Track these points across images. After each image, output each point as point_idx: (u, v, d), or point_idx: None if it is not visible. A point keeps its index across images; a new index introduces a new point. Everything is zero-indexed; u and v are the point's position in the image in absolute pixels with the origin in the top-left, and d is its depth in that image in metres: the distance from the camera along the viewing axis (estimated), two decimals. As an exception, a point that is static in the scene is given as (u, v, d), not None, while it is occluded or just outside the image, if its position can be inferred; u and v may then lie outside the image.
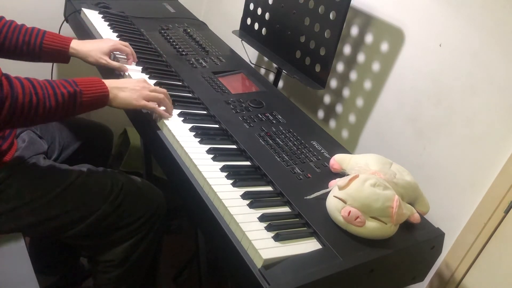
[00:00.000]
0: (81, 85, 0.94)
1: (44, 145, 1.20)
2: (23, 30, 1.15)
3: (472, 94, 1.09)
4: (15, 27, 1.15)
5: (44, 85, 0.90)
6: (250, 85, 1.31)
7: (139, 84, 1.03)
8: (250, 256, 0.74)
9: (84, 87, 0.94)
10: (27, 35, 1.14)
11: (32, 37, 1.15)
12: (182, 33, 1.54)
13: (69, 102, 0.92)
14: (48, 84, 0.90)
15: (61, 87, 0.91)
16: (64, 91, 0.91)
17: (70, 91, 0.92)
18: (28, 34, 1.15)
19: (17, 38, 1.14)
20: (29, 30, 1.16)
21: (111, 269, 1.17)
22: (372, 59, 1.34)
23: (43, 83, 0.90)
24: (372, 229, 0.81)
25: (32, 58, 1.17)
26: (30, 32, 1.15)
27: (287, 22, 1.37)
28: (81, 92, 0.94)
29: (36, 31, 1.16)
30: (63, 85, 0.92)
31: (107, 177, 1.12)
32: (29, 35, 1.15)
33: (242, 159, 0.98)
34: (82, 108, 0.95)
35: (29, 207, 1.01)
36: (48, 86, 0.90)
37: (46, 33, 1.17)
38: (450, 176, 1.14)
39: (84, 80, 0.96)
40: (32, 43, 1.14)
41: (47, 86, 0.90)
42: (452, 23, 1.13)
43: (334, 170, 0.99)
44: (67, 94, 0.91)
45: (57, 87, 0.91)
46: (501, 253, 1.05)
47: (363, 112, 1.38)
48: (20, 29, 1.15)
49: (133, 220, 1.13)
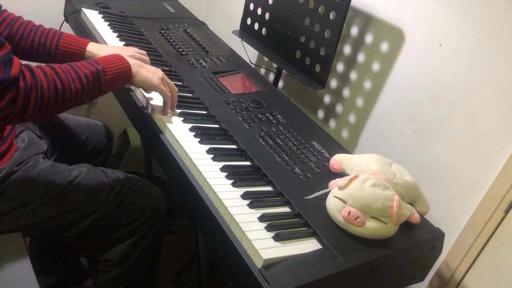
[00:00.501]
0: (102, 63, 0.94)
1: (43, 145, 1.20)
2: (40, 31, 1.14)
3: (472, 94, 1.09)
4: (31, 28, 1.13)
5: (66, 69, 0.89)
6: (250, 85, 1.31)
7: (158, 70, 1.05)
8: (250, 256, 0.74)
9: (106, 64, 0.94)
10: (43, 36, 1.13)
11: (49, 39, 1.13)
12: (182, 33, 1.54)
13: (94, 81, 0.92)
14: (70, 68, 0.90)
15: (83, 68, 0.91)
16: (87, 72, 0.90)
17: (93, 70, 0.91)
18: (44, 36, 1.13)
19: (33, 39, 1.12)
20: (45, 31, 1.14)
21: (111, 269, 1.17)
22: (372, 59, 1.34)
23: (65, 67, 0.89)
24: (372, 229, 0.81)
25: (48, 59, 1.16)
26: (47, 34, 1.14)
27: (287, 22, 1.37)
28: (104, 70, 0.93)
29: (53, 33, 1.15)
30: (85, 66, 0.92)
31: (106, 177, 1.12)
32: (46, 37, 1.13)
33: (242, 159, 0.98)
34: (107, 86, 0.95)
35: (29, 207, 1.01)
36: (70, 69, 0.89)
37: (63, 35, 1.15)
38: (450, 176, 1.14)
39: (105, 58, 0.96)
40: (48, 45, 1.13)
41: (69, 69, 0.89)
42: (452, 23, 1.13)
43: (334, 170, 0.99)
44: (90, 74, 0.91)
45: (79, 69, 0.90)
46: (501, 253, 1.05)
47: (363, 112, 1.38)
48: (37, 30, 1.14)
49: (133, 220, 1.13)
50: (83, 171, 1.10)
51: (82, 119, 1.38)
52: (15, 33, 1.11)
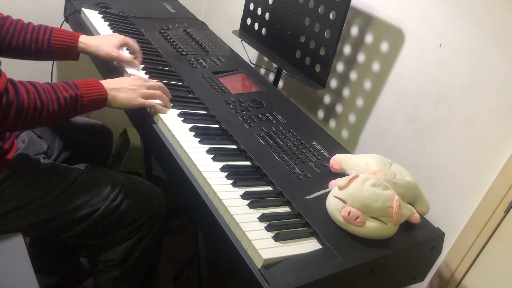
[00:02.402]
0: (81, 88, 0.96)
1: (44, 145, 1.20)
2: (30, 28, 1.14)
3: (472, 94, 1.09)
4: (22, 26, 1.14)
5: (47, 89, 0.91)
6: (250, 85, 1.31)
7: (136, 83, 1.04)
8: (250, 256, 0.74)
9: (84, 90, 0.96)
10: (35, 33, 1.14)
11: (40, 34, 1.14)
12: (182, 33, 1.54)
13: (71, 105, 0.94)
14: (51, 88, 0.92)
15: (63, 91, 0.93)
16: (66, 95, 0.93)
17: (72, 94, 0.94)
18: (35, 32, 1.14)
19: (24, 36, 1.13)
20: (36, 27, 1.15)
21: (111, 269, 1.17)
22: (372, 59, 1.34)
23: (46, 87, 0.91)
24: (372, 229, 0.81)
25: (41, 56, 1.17)
26: (38, 30, 1.14)
27: (287, 22, 1.37)
28: (82, 95, 0.95)
29: (44, 28, 1.15)
30: (65, 88, 0.94)
31: (106, 177, 1.12)
32: (37, 33, 1.14)
33: (242, 159, 0.98)
34: (82, 110, 0.97)
35: (29, 207, 1.01)
36: (51, 90, 0.92)
37: (54, 30, 1.16)
38: (450, 176, 1.14)
39: (83, 82, 0.97)
40: (40, 41, 1.14)
41: (49, 90, 0.91)
42: (452, 23, 1.13)
43: (334, 170, 0.99)
44: (69, 98, 0.93)
45: (59, 91, 0.93)
46: (501, 253, 1.05)
47: (363, 112, 1.38)
48: (27, 28, 1.14)
49: (133, 220, 1.13)
50: (83, 171, 1.10)
51: (82, 119, 1.38)
52: (6, 32, 1.12)
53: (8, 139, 1.02)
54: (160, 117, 1.03)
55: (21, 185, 1.01)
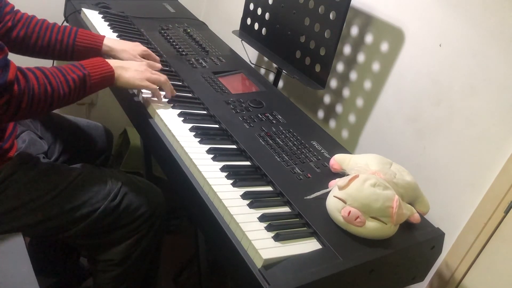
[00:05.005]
0: (88, 67, 0.97)
1: (44, 146, 1.20)
2: (56, 29, 1.17)
3: (472, 94, 1.09)
4: (47, 26, 1.16)
5: (55, 73, 0.92)
6: (250, 85, 1.31)
7: (142, 65, 1.07)
8: (250, 256, 0.74)
9: (91, 69, 0.98)
10: (60, 33, 1.16)
11: (65, 36, 1.16)
12: (182, 33, 1.54)
13: (80, 86, 0.96)
14: (58, 71, 0.93)
15: (70, 72, 0.95)
16: (74, 76, 0.94)
17: (80, 75, 0.95)
18: (60, 33, 1.16)
19: (49, 37, 1.15)
20: (61, 28, 1.17)
21: (111, 269, 1.17)
22: (372, 59, 1.34)
23: (54, 71, 0.93)
24: (372, 229, 0.81)
25: (65, 56, 1.19)
26: (63, 31, 1.17)
27: (287, 22, 1.37)
28: (89, 75, 0.97)
29: (69, 29, 1.18)
30: (72, 70, 0.95)
31: (106, 176, 1.12)
32: (62, 34, 1.16)
33: (242, 159, 0.98)
34: (92, 89, 0.99)
35: (28, 207, 1.01)
36: (59, 73, 0.93)
37: (79, 31, 1.18)
38: (450, 176, 1.14)
39: (89, 62, 0.99)
40: (65, 42, 1.16)
41: (57, 73, 0.93)
42: (452, 23, 1.13)
43: (334, 170, 0.99)
44: (77, 79, 0.95)
45: (67, 73, 0.94)
46: (501, 253, 1.05)
47: (363, 112, 1.38)
48: (53, 28, 1.17)
49: (133, 220, 1.13)
50: (83, 171, 1.10)
51: (83, 120, 1.38)
52: (32, 31, 1.14)
53: (8, 139, 1.02)
54: (160, 117, 1.03)
55: (21, 185, 1.01)
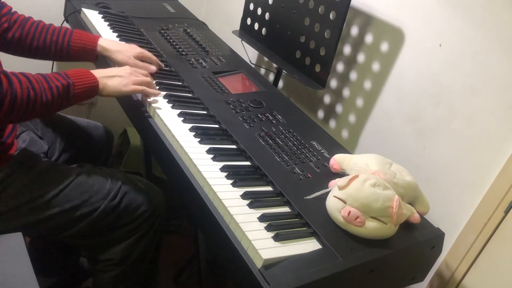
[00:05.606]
0: (72, 77, 0.97)
1: (44, 146, 1.20)
2: (51, 30, 1.17)
3: (472, 94, 1.09)
4: (42, 27, 1.17)
5: (39, 79, 0.92)
6: (250, 85, 1.31)
7: (126, 71, 1.07)
8: (250, 256, 0.74)
9: (76, 79, 0.97)
10: (55, 34, 1.17)
11: (60, 36, 1.17)
12: (182, 33, 1.54)
13: (63, 94, 0.95)
14: (43, 78, 0.93)
15: (54, 80, 0.94)
16: (58, 84, 0.94)
17: (64, 83, 0.95)
18: (55, 34, 1.17)
19: (44, 37, 1.16)
20: (56, 29, 1.18)
21: (110, 268, 1.17)
22: (372, 59, 1.34)
23: (38, 78, 0.92)
24: (372, 229, 0.81)
25: (61, 57, 1.19)
26: (58, 32, 1.17)
27: (287, 22, 1.36)
28: (74, 84, 0.97)
29: (64, 30, 1.18)
30: (56, 78, 0.95)
31: (106, 176, 1.12)
32: (57, 35, 1.17)
33: (242, 159, 0.98)
34: (75, 99, 0.98)
35: (28, 206, 1.01)
36: (43, 80, 0.93)
37: (74, 32, 1.19)
38: (450, 176, 1.14)
39: (74, 72, 0.99)
40: (60, 42, 1.16)
41: (42, 80, 0.93)
42: (452, 23, 1.13)
43: (334, 170, 0.99)
44: (61, 87, 0.94)
45: (51, 80, 0.94)
46: (501, 253, 1.05)
47: (363, 112, 1.38)
48: (48, 29, 1.17)
49: (132, 219, 1.13)
50: (83, 171, 1.10)
51: (83, 120, 1.38)
52: (27, 33, 1.15)
53: (8, 138, 1.02)
54: (160, 117, 1.03)
55: (20, 185, 1.01)
